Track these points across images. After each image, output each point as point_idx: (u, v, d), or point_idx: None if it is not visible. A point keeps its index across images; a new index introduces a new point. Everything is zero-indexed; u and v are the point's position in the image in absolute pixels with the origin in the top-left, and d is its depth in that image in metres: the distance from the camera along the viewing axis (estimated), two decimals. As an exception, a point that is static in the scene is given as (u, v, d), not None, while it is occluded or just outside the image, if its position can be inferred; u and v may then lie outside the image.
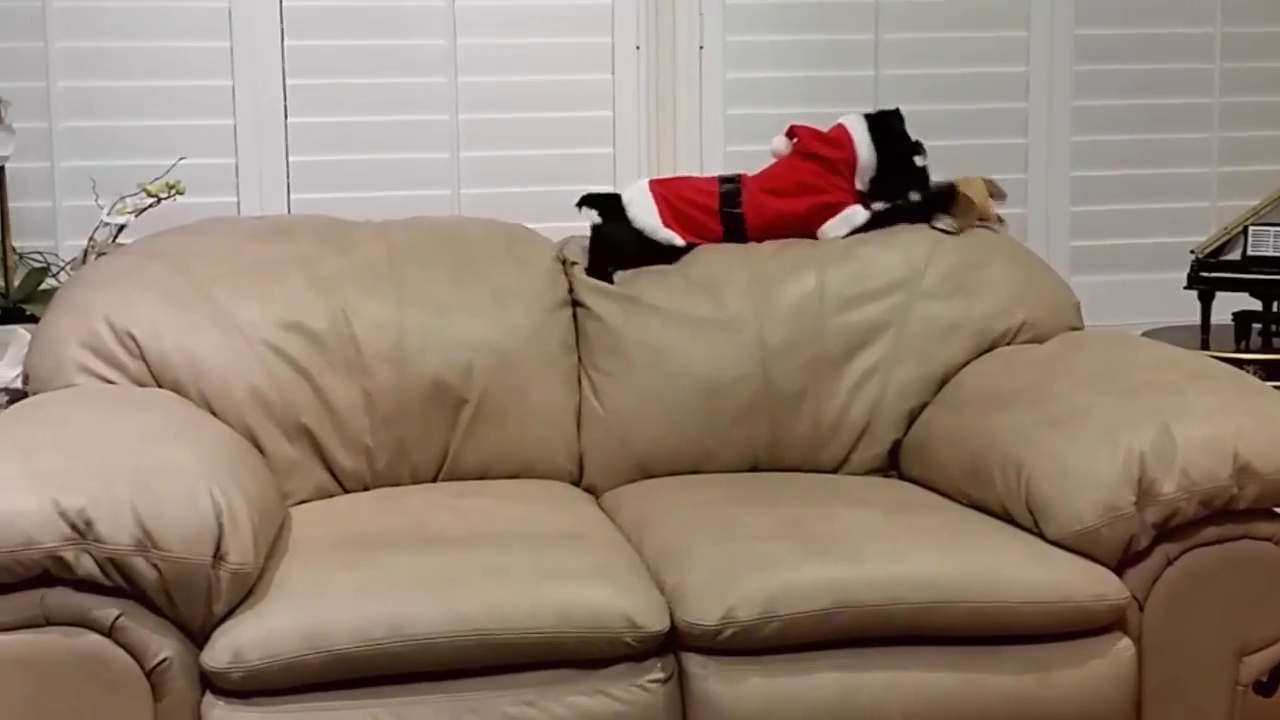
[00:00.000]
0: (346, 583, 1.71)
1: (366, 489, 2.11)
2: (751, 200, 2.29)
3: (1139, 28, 2.88)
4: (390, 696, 1.66)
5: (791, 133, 2.38)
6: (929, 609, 1.74)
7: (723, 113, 2.77)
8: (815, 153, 2.33)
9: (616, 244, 2.25)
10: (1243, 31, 2.91)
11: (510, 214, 2.40)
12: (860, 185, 2.32)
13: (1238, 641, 1.85)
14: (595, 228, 2.28)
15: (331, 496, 2.09)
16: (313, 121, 2.66)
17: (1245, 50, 2.91)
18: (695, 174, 2.52)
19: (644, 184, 2.32)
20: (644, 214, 2.26)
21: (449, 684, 1.67)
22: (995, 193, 2.33)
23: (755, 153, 2.76)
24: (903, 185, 2.30)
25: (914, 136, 2.35)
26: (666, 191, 2.30)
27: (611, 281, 2.23)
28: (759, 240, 2.29)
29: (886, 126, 2.33)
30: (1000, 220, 2.33)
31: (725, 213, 2.29)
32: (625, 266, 2.24)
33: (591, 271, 2.24)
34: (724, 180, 2.32)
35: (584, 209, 2.30)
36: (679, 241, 2.26)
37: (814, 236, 2.31)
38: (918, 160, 2.32)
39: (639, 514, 2.00)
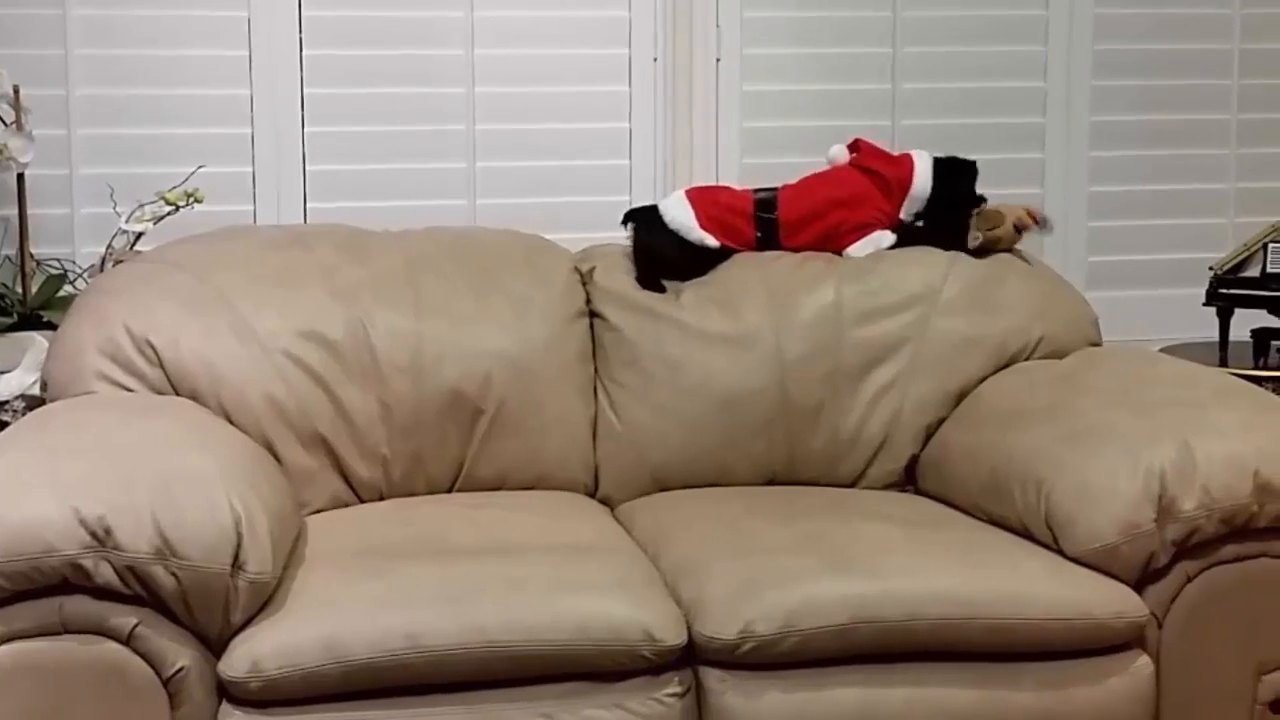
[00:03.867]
0: (364, 593, 1.71)
1: (382, 499, 2.11)
2: (788, 206, 2.29)
3: (1157, 43, 2.87)
4: (407, 708, 1.66)
5: (854, 145, 2.37)
6: (949, 625, 1.73)
7: (739, 125, 2.78)
8: (872, 168, 2.31)
9: (658, 252, 2.25)
10: (1261, 48, 2.91)
11: (526, 224, 2.40)
12: (906, 214, 2.31)
13: (1257, 660, 1.84)
14: (634, 238, 2.29)
15: (347, 506, 2.09)
16: (330, 131, 2.66)
17: (1263, 66, 2.90)
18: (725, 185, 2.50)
19: (680, 192, 2.33)
20: (680, 216, 2.26)
21: (466, 695, 1.67)
22: (1027, 224, 2.28)
23: (772, 165, 2.76)
24: (949, 226, 2.28)
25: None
26: (702, 198, 2.30)
27: (663, 290, 2.22)
28: (794, 248, 2.29)
29: (955, 170, 2.31)
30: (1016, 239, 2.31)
31: (760, 218, 2.28)
32: (671, 276, 2.24)
33: (643, 283, 2.23)
34: (759, 190, 2.33)
35: (627, 225, 2.30)
36: (712, 242, 2.25)
37: (839, 252, 2.30)
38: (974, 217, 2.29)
39: (655, 526, 2.00)
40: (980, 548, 1.88)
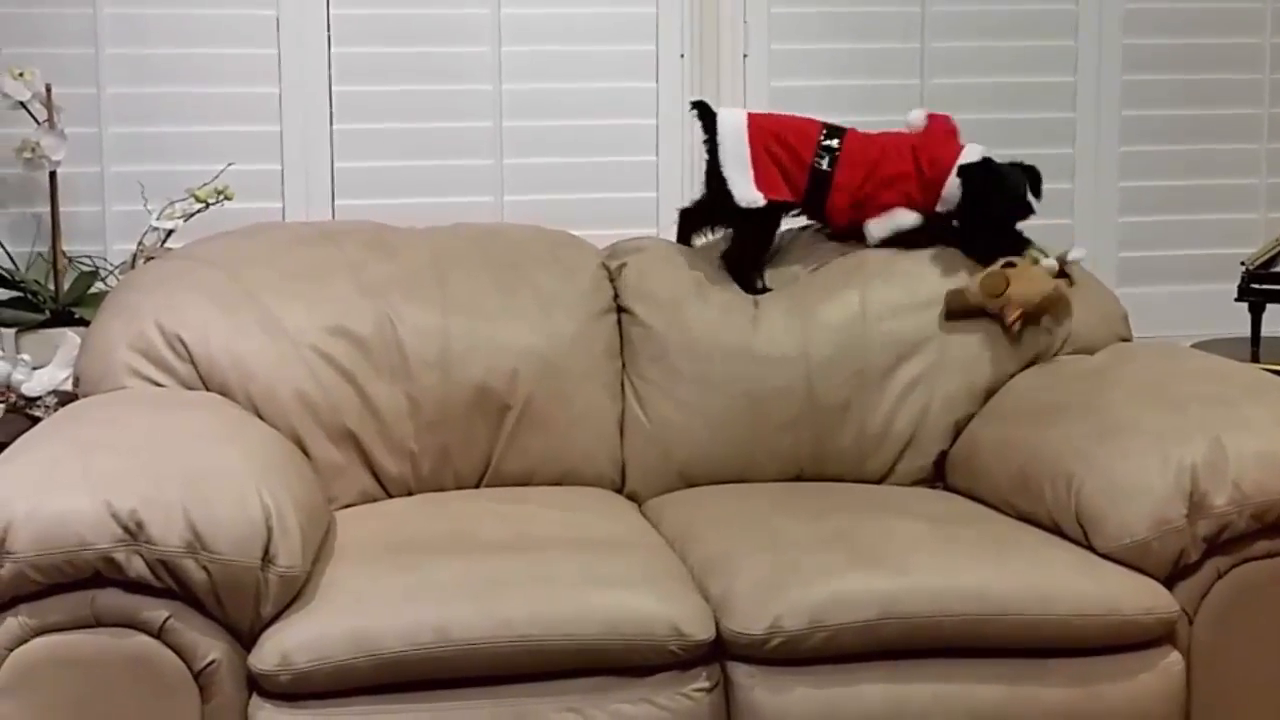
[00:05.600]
0: (394, 587, 1.72)
1: (410, 494, 2.12)
2: (846, 164, 2.21)
3: (1188, 38, 2.85)
4: (436, 701, 1.66)
5: (933, 119, 2.28)
6: (978, 621, 1.73)
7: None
8: (918, 153, 2.22)
9: (703, 216, 2.28)
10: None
11: (553, 221, 2.40)
12: (942, 207, 2.23)
13: (1289, 658, 1.83)
14: (684, 213, 2.31)
15: (376, 501, 2.10)
16: (358, 128, 2.67)
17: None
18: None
19: (742, 120, 2.22)
20: (734, 165, 2.20)
21: (494, 689, 1.67)
22: (1049, 307, 2.12)
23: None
24: (980, 241, 2.19)
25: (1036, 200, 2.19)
26: (763, 132, 2.21)
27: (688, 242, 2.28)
28: (837, 210, 2.23)
29: (986, 185, 2.17)
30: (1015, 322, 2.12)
31: (816, 168, 2.21)
32: (706, 224, 2.29)
33: (681, 239, 2.31)
34: (827, 132, 2.24)
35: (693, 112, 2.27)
36: (760, 202, 2.19)
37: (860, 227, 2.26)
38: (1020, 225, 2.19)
39: (683, 522, 2.00)
40: (1009, 544, 1.86)
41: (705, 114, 2.27)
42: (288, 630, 1.66)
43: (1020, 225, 2.23)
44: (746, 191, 2.19)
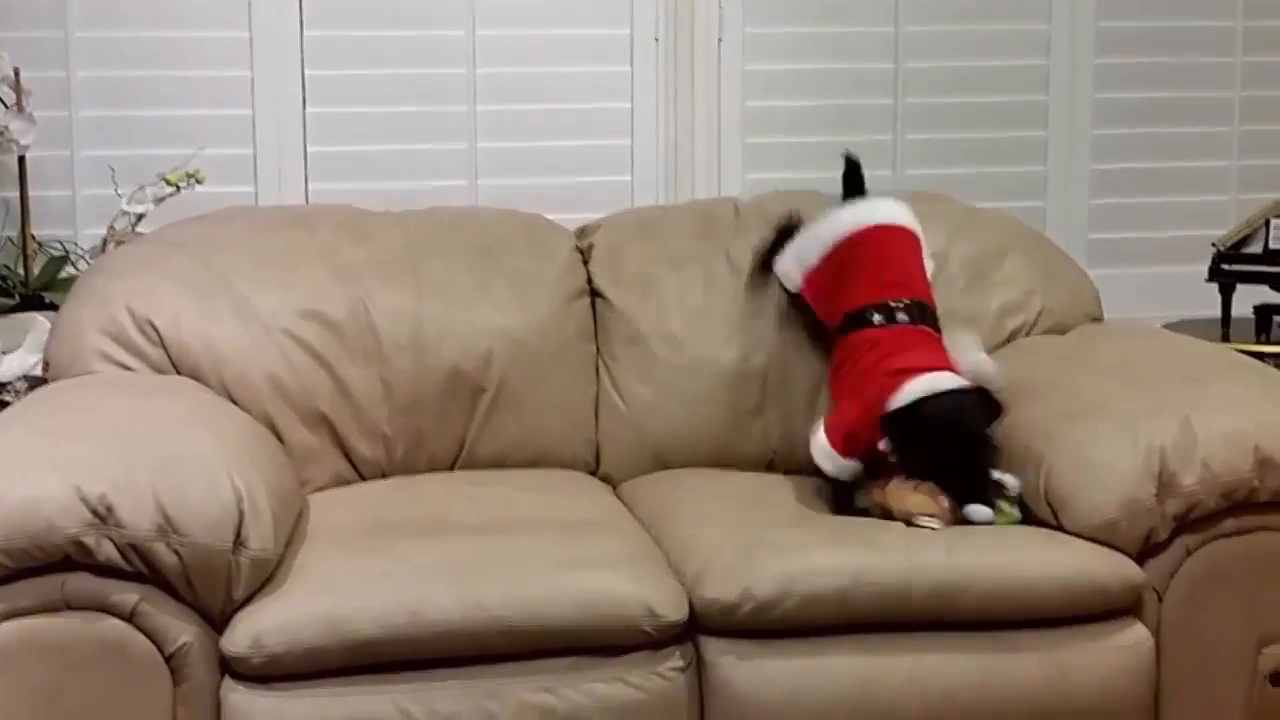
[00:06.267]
0: (367, 569, 1.72)
1: (384, 477, 2.12)
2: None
3: (1160, 20, 2.86)
4: (410, 683, 1.66)
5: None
6: (947, 589, 1.73)
7: (741, 104, 2.77)
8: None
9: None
10: (1265, 25, 2.89)
11: (527, 205, 2.40)
12: None
13: (1257, 633, 1.84)
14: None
15: (349, 484, 2.10)
16: (331, 112, 2.65)
17: (1267, 43, 2.89)
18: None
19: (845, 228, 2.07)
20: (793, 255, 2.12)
21: (469, 670, 1.67)
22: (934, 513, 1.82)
23: (775, 145, 2.76)
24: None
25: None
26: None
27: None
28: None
29: (921, 430, 1.85)
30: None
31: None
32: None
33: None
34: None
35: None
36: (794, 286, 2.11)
37: None
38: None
39: (658, 505, 2.00)
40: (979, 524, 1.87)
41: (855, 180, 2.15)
42: (260, 613, 1.65)
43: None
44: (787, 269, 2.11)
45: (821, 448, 1.94)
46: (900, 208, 2.12)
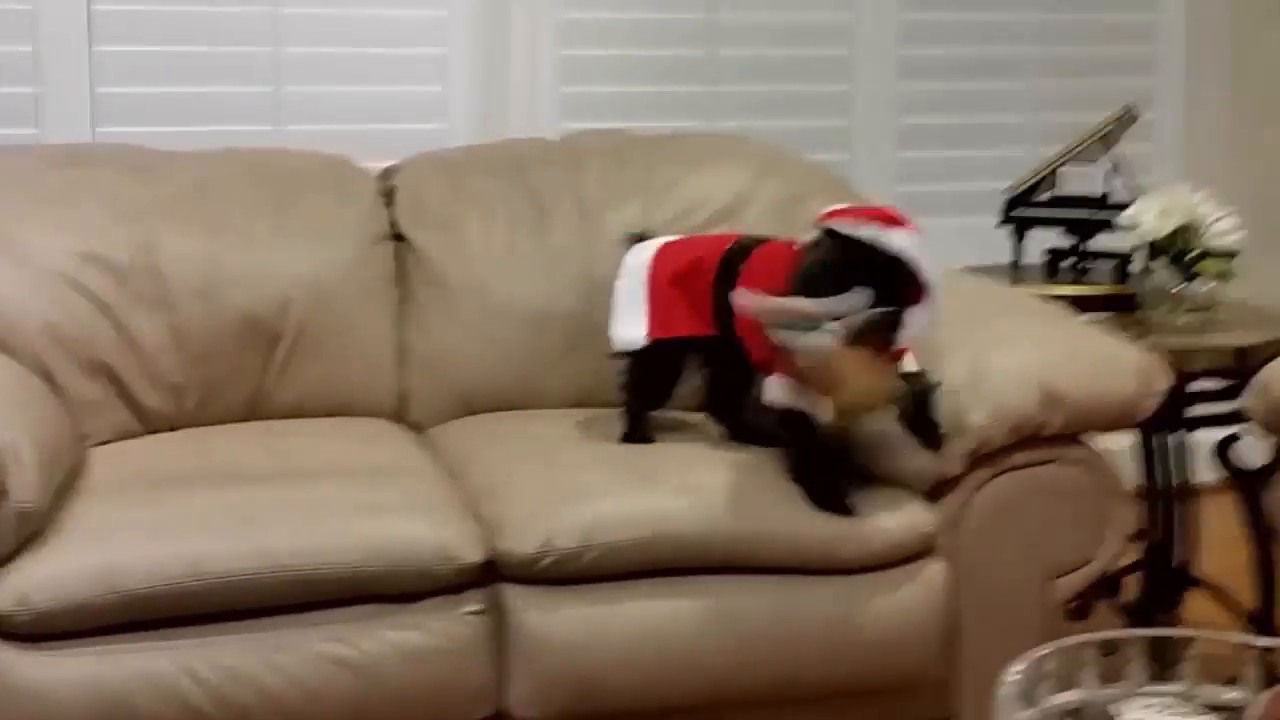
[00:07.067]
0: (144, 520, 1.64)
1: (175, 429, 2.02)
2: (751, 276, 1.81)
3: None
4: (194, 638, 1.59)
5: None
6: (745, 541, 1.74)
7: (557, 53, 2.72)
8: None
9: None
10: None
11: (336, 152, 2.30)
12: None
13: (1048, 564, 1.89)
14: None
15: (136, 438, 1.99)
16: (121, 50, 2.50)
17: (1065, 1, 2.98)
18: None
19: (650, 253, 1.93)
20: (627, 304, 1.92)
21: (256, 623, 1.61)
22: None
23: (590, 94, 2.74)
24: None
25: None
26: (673, 260, 1.91)
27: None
28: (750, 337, 1.82)
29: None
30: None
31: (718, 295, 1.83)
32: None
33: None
34: (733, 248, 1.87)
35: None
36: (639, 343, 1.91)
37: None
38: None
39: (462, 449, 1.96)
40: (778, 468, 1.88)
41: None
42: (27, 569, 1.56)
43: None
44: (624, 333, 1.92)
45: (778, 385, 1.74)
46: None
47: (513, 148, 2.35)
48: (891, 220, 1.77)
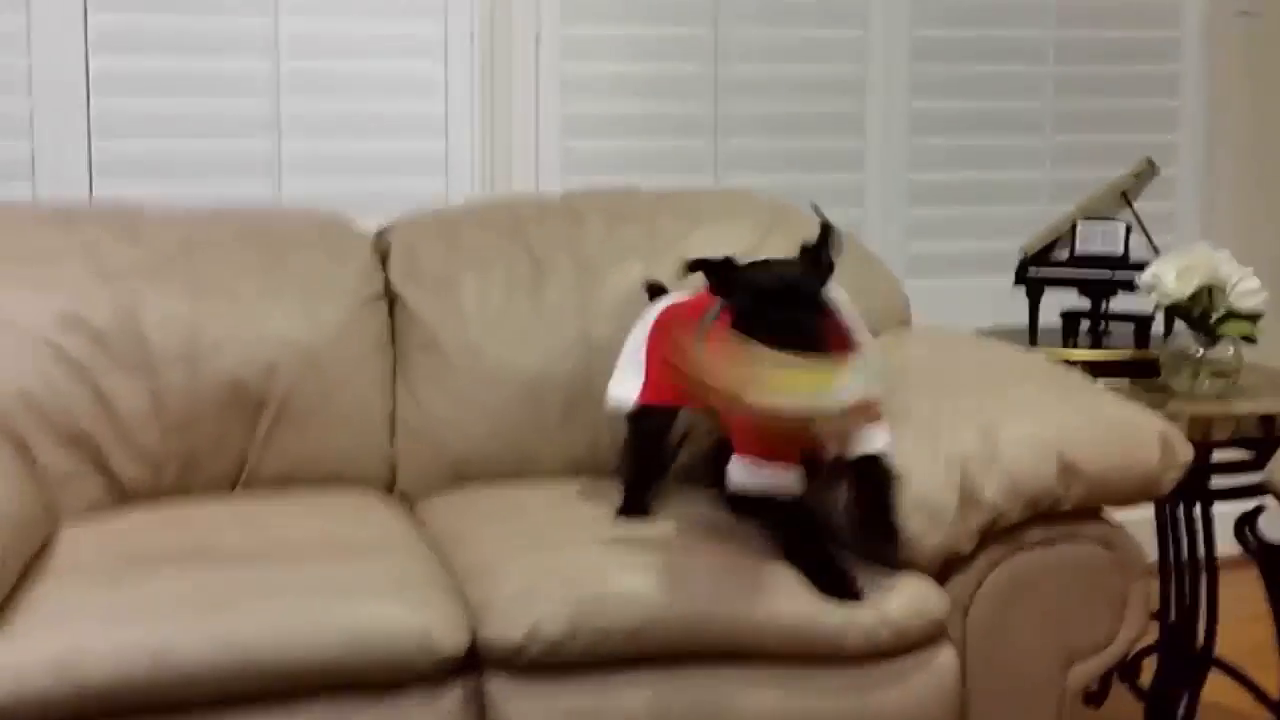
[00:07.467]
0: (106, 604, 1.55)
1: (154, 500, 1.95)
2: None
3: (974, 30, 2.86)
4: (155, 733, 1.51)
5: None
6: (744, 630, 1.65)
7: (560, 107, 2.67)
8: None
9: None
10: (1077, 35, 2.91)
11: (335, 208, 2.25)
12: None
13: (1065, 649, 1.80)
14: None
15: (114, 510, 1.92)
16: (118, 105, 2.44)
17: (1079, 55, 2.91)
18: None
19: (654, 313, 1.86)
20: (626, 364, 1.85)
21: (222, 717, 1.52)
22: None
23: (594, 148, 2.68)
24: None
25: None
26: (672, 321, 1.82)
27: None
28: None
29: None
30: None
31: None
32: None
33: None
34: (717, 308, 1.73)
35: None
36: (628, 406, 1.84)
37: None
38: None
39: (451, 524, 1.88)
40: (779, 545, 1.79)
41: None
42: (-20, 658, 1.48)
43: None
44: (618, 391, 1.85)
45: (741, 466, 1.66)
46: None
47: (511, 204, 2.30)
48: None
